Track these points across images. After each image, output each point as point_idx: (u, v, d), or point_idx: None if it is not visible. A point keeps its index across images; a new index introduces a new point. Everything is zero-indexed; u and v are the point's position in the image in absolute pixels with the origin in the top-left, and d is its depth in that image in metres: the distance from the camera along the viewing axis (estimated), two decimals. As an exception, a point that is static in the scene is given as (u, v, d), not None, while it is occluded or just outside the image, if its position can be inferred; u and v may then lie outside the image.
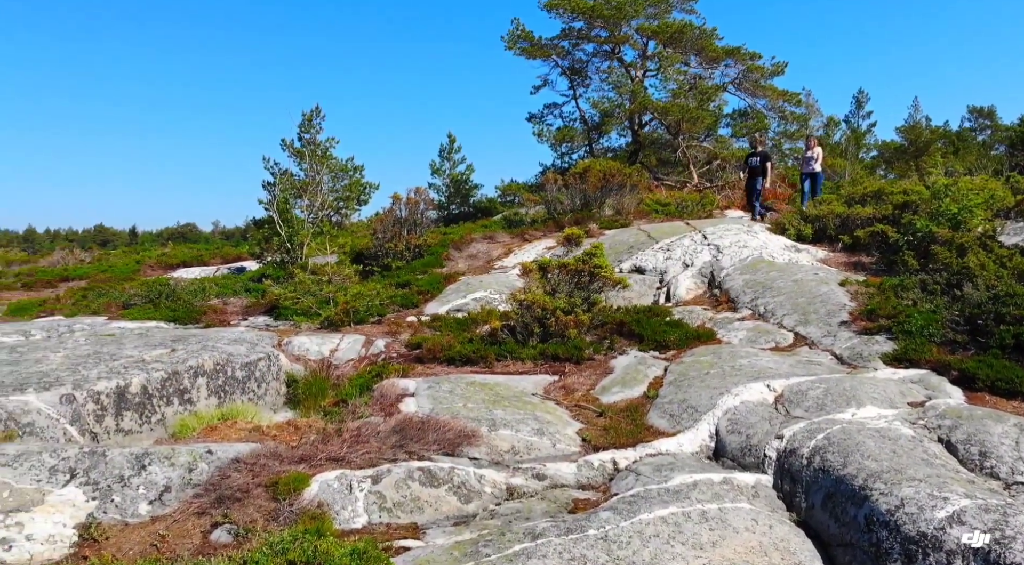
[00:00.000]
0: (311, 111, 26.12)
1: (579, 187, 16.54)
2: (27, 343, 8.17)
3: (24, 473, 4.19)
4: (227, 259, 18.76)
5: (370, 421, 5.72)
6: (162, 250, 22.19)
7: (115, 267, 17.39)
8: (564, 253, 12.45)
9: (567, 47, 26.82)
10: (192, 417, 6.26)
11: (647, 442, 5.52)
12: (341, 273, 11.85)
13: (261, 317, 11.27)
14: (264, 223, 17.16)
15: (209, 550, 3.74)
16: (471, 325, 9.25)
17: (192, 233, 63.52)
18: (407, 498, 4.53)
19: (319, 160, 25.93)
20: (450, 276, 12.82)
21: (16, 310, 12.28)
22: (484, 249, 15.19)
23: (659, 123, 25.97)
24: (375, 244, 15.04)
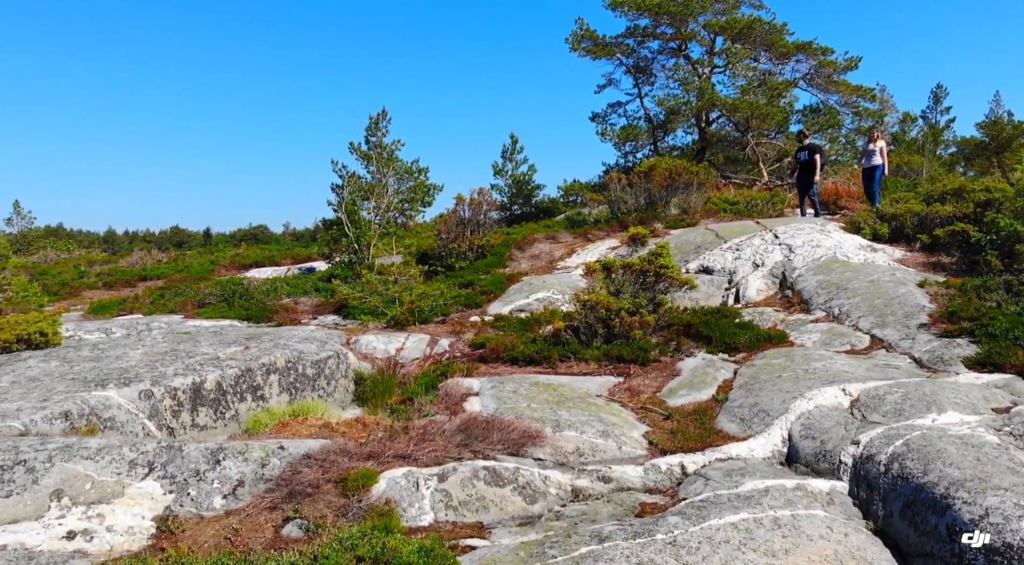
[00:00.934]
0: (378, 114, 26.63)
1: (644, 186, 16.34)
2: (108, 340, 8.56)
3: (105, 466, 4.37)
4: (298, 260, 19.24)
5: (436, 419, 5.78)
6: (235, 251, 22.89)
7: (191, 267, 18.02)
8: (628, 253, 12.32)
9: (632, 45, 26.57)
10: (264, 413, 6.44)
11: (716, 446, 5.41)
12: (407, 273, 12.02)
13: (330, 316, 11.52)
14: (333, 225, 17.54)
15: (281, 544, 3.83)
16: (534, 325, 9.25)
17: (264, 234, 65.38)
18: (472, 497, 4.55)
19: (385, 163, 26.40)
20: (513, 276, 12.85)
21: (98, 308, 12.85)
22: (546, 249, 15.16)
23: (727, 120, 25.49)
24: (439, 245, 15.20)
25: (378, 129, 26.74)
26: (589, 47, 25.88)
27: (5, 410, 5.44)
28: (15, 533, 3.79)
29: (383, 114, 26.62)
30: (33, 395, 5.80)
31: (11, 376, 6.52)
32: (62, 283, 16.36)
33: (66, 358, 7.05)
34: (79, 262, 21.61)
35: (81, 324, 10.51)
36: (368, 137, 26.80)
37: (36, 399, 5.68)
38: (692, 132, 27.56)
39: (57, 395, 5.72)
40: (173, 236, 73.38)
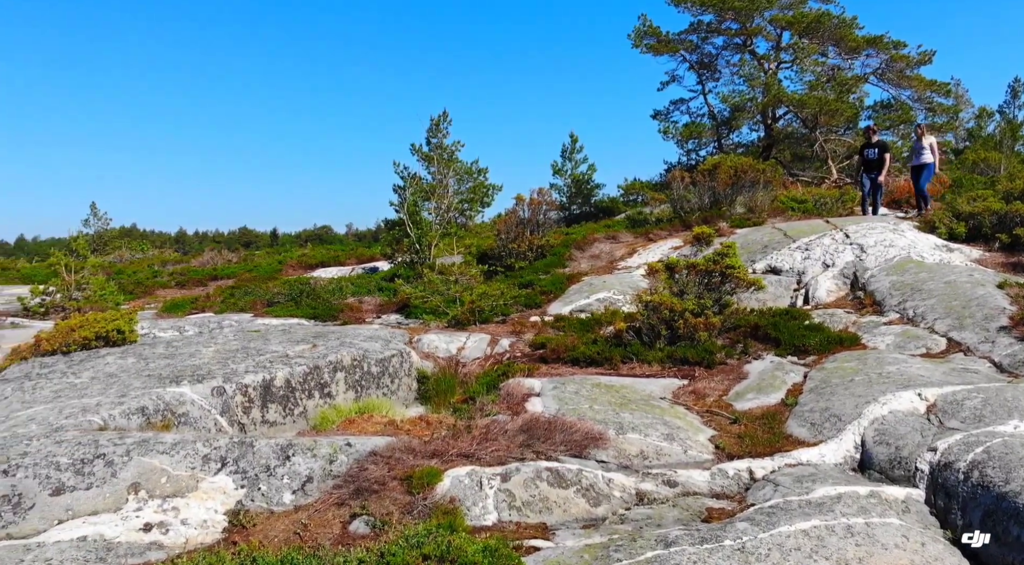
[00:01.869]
0: (439, 116, 26.79)
1: (708, 184, 16.05)
2: (181, 338, 8.86)
3: (180, 461, 4.51)
4: (361, 259, 19.58)
5: (498, 419, 5.78)
6: (302, 251, 23.43)
7: (259, 267, 18.53)
8: (692, 253, 12.12)
9: (696, 41, 26.18)
10: (331, 410, 6.56)
11: (786, 451, 5.28)
12: (467, 273, 12.11)
13: (393, 315, 11.68)
14: (395, 225, 17.77)
15: (348, 540, 3.89)
16: (595, 326, 9.18)
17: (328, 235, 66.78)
18: (536, 498, 4.53)
19: (446, 164, 26.62)
20: (573, 276, 12.80)
21: (171, 307, 13.31)
22: (607, 249, 15.05)
23: (794, 116, 24.88)
24: (499, 245, 15.24)
25: (439, 130, 26.94)
26: (652, 44, 25.61)
27: (85, 405, 5.68)
28: (95, 524, 3.95)
29: (444, 116, 26.81)
30: (111, 391, 6.05)
31: (91, 372, 6.80)
32: (137, 282, 17.03)
33: (142, 355, 7.33)
34: (152, 262, 22.47)
35: (156, 322, 10.91)
36: (429, 138, 27.02)
37: (114, 395, 5.91)
38: (758, 129, 27.02)
39: (134, 391, 5.95)
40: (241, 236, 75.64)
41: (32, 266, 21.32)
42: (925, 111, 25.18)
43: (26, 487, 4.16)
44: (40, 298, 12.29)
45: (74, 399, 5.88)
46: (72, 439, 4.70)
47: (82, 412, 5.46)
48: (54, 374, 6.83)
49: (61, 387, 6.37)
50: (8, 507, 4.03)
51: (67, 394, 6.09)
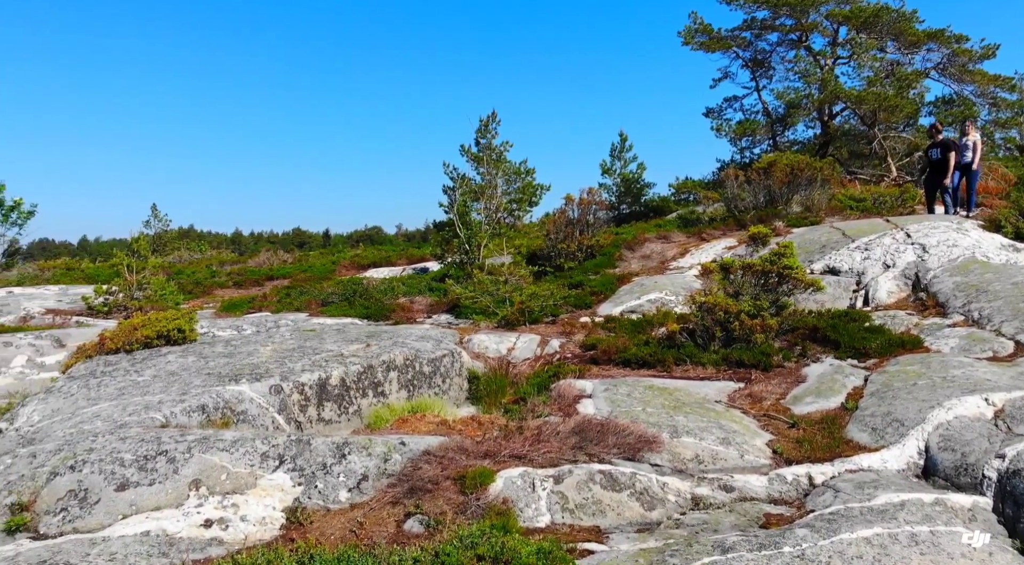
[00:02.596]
0: (488, 117, 27.01)
1: (763, 183, 15.74)
2: (239, 337, 9.05)
3: (239, 458, 4.60)
4: (412, 260, 19.74)
5: (549, 421, 5.75)
6: (354, 252, 23.73)
7: (314, 267, 18.83)
8: (747, 253, 11.89)
9: (749, 38, 25.75)
10: (385, 409, 6.63)
11: (846, 457, 5.14)
12: (516, 273, 12.09)
13: (444, 315, 11.75)
14: (445, 226, 17.88)
15: (403, 539, 3.91)
16: (646, 327, 9.08)
17: (378, 235, 67.58)
18: (589, 500, 4.50)
19: (495, 164, 26.74)
20: (623, 277, 12.69)
21: (229, 306, 13.62)
22: (658, 249, 14.87)
23: (852, 113, 24.25)
24: (548, 245, 15.20)
25: (488, 131, 27.11)
26: (703, 41, 25.27)
27: (148, 402, 5.84)
28: (157, 520, 4.05)
29: (493, 116, 26.98)
30: (173, 389, 6.21)
31: (153, 370, 7.00)
32: (196, 282, 17.47)
33: (202, 354, 7.51)
34: (211, 262, 23.03)
35: (215, 321, 11.19)
36: (478, 139, 27.22)
37: (176, 393, 6.07)
38: (814, 126, 26.42)
39: (194, 389, 6.09)
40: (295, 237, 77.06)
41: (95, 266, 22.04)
42: (988, 107, 24.31)
43: (92, 482, 4.30)
44: (103, 298, 12.68)
45: (137, 397, 6.06)
46: (135, 436, 4.84)
47: (145, 409, 5.62)
48: (118, 372, 7.05)
49: (124, 385, 6.57)
50: (75, 502, 4.17)
51: (130, 392, 6.28)
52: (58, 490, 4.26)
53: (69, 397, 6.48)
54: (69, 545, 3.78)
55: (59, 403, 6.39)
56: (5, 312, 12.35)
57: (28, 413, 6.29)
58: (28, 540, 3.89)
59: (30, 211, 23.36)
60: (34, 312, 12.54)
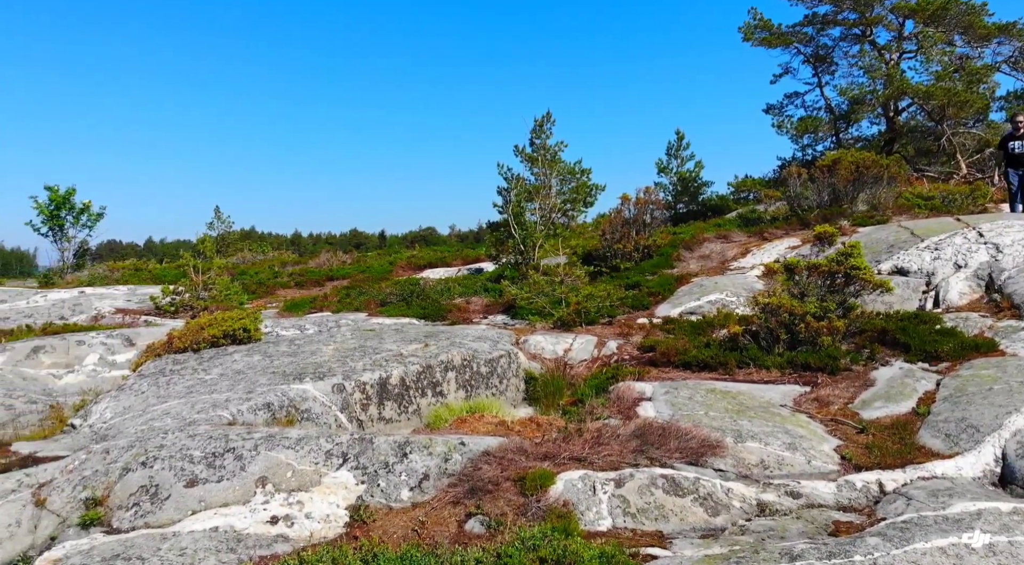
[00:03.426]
0: (542, 117, 26.88)
1: (827, 180, 15.30)
2: (302, 336, 9.21)
3: (304, 456, 4.67)
4: (467, 260, 19.84)
5: (609, 423, 5.69)
6: (410, 252, 23.97)
7: (372, 268, 19.08)
8: (812, 253, 11.56)
9: (811, 33, 25.14)
10: (444, 408, 6.66)
11: (918, 464, 4.97)
12: (572, 274, 12.03)
13: (499, 316, 11.76)
14: (499, 226, 17.91)
15: (464, 539, 3.91)
16: (707, 329, 8.92)
17: (432, 236, 68.16)
18: (651, 505, 4.43)
19: (549, 164, 26.65)
20: (681, 277, 12.49)
21: (291, 306, 13.91)
22: (717, 249, 14.60)
23: (918, 109, 23.44)
24: (603, 245, 15.07)
25: (542, 131, 27.00)
26: (764, 37, 24.75)
27: (215, 400, 5.99)
28: (225, 516, 4.14)
29: (547, 117, 26.84)
30: (239, 387, 6.36)
31: (220, 369, 7.18)
32: (259, 282, 17.88)
33: (266, 353, 7.67)
34: (272, 263, 23.55)
35: (278, 321, 11.43)
36: (532, 139, 27.12)
37: (242, 391, 6.21)
38: (879, 122, 25.60)
39: (260, 387, 6.23)
40: (352, 238, 78.31)
41: (162, 267, 22.76)
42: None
43: (163, 479, 4.42)
44: (170, 298, 13.08)
45: (205, 395, 6.22)
46: (204, 433, 4.96)
47: (212, 407, 5.76)
48: (186, 370, 7.25)
49: (193, 383, 6.75)
50: (146, 497, 4.30)
51: (198, 390, 6.45)
52: (130, 486, 4.39)
53: (140, 395, 6.70)
54: (141, 540, 3.89)
55: (130, 400, 6.61)
56: (77, 311, 12.85)
57: (101, 410, 6.53)
58: (102, 534, 4.02)
59: (99, 213, 24.33)
60: (105, 311, 13.02)
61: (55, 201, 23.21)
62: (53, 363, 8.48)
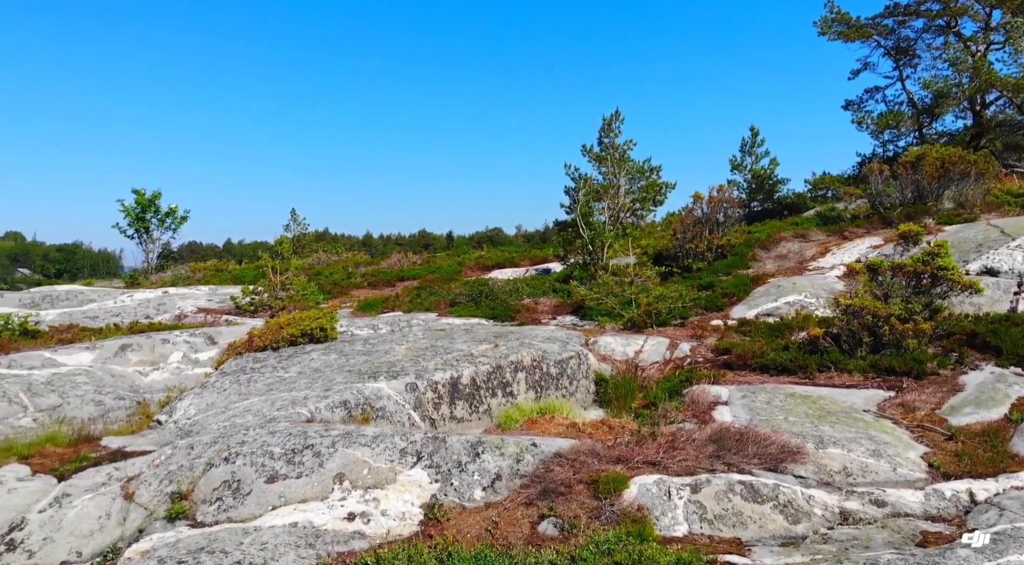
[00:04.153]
0: (611, 115, 26.70)
1: (910, 177, 14.67)
2: (376, 336, 9.38)
3: (380, 453, 4.74)
4: (535, 261, 19.84)
5: (684, 427, 5.59)
6: (478, 253, 24.13)
7: (441, 269, 19.31)
8: (895, 252, 11.10)
9: (891, 25, 24.11)
10: (514, 409, 6.66)
11: (1012, 472, 4.75)
12: (642, 274, 11.87)
13: (568, 316, 11.71)
14: (567, 226, 17.85)
15: (537, 541, 3.89)
16: (784, 331, 8.67)
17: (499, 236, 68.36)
18: (728, 511, 4.32)
19: (618, 163, 26.42)
20: (757, 278, 12.19)
21: (364, 306, 14.18)
22: (795, 248, 14.17)
23: (1007, 102, 22.23)
24: (675, 245, 14.83)
25: (611, 130, 26.80)
26: (841, 31, 23.89)
27: (294, 398, 6.15)
28: (304, 512, 4.23)
29: (616, 115, 26.65)
30: (317, 385, 6.51)
31: (298, 367, 7.37)
32: (333, 282, 18.30)
33: (342, 352, 7.84)
34: (346, 263, 24.08)
35: (352, 320, 11.67)
36: (601, 138, 26.96)
37: (319, 389, 6.36)
38: (964, 117, 24.36)
39: (336, 385, 6.36)
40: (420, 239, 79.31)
41: (241, 268, 23.55)
42: None
43: (244, 474, 4.56)
44: (250, 297, 13.51)
45: (284, 392, 6.40)
46: (283, 430, 5.10)
47: (291, 405, 5.91)
48: (265, 368, 7.47)
49: (272, 381, 6.95)
50: (229, 492, 4.43)
51: (278, 387, 6.64)
52: (213, 481, 4.54)
53: (222, 392, 6.93)
54: (224, 534, 4.01)
55: (213, 397, 6.85)
56: (162, 311, 13.41)
57: (185, 407, 6.78)
58: (187, 527, 4.17)
59: (183, 216, 25.34)
60: (187, 311, 13.55)
61: (141, 204, 24.29)
62: (139, 361, 8.87)
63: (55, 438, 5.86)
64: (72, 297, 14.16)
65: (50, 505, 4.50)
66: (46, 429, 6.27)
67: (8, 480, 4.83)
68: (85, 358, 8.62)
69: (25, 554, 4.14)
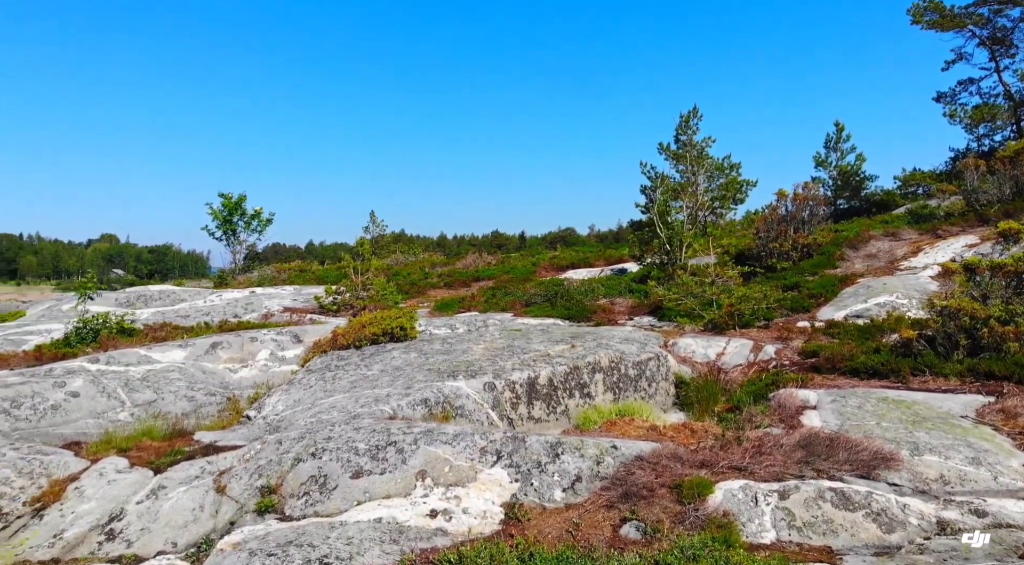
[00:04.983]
0: (688, 112, 26.29)
1: (1009, 173, 13.90)
2: (454, 335, 9.49)
3: (460, 452, 4.79)
4: (609, 261, 19.70)
5: (771, 432, 5.44)
6: (552, 253, 24.14)
7: (515, 269, 19.40)
8: (993, 251, 10.54)
9: (986, 14, 22.91)
10: (592, 411, 6.63)
11: None
12: (724, 274, 11.62)
13: (645, 317, 11.58)
14: (643, 226, 17.62)
15: (620, 544, 3.86)
16: (875, 333, 8.35)
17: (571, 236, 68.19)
18: (818, 518, 4.18)
19: (696, 161, 25.97)
20: (846, 278, 11.77)
21: (441, 306, 14.38)
22: (885, 247, 13.62)
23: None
24: (757, 244, 14.47)
25: (688, 127, 26.38)
26: (934, 20, 22.84)
27: (377, 395, 6.28)
28: (388, 508, 4.31)
29: (694, 112, 26.21)
30: (398, 383, 6.63)
31: (380, 365, 7.53)
32: (411, 283, 18.64)
33: (422, 350, 7.97)
34: (423, 264, 24.48)
35: (430, 320, 11.85)
36: (678, 136, 26.58)
37: (400, 386, 6.48)
38: (1065, 110, 22.92)
39: (417, 384, 6.47)
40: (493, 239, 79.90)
41: (324, 269, 24.25)
42: None
43: (330, 469, 4.68)
44: (333, 297, 13.90)
45: (367, 389, 6.55)
46: (367, 427, 5.21)
47: (375, 402, 6.05)
48: (349, 366, 7.66)
49: (356, 378, 7.12)
50: (315, 487, 4.56)
51: (361, 385, 6.80)
52: (301, 475, 4.68)
53: (308, 389, 7.15)
54: (311, 528, 4.12)
55: (299, 394, 7.06)
56: (249, 310, 13.93)
57: (273, 403, 7.02)
58: (275, 521, 4.31)
59: (268, 219, 26.30)
60: (273, 310, 14.03)
61: (227, 207, 25.34)
62: (229, 358, 9.23)
63: (151, 432, 6.16)
64: (164, 297, 14.87)
65: (147, 497, 4.73)
66: (142, 423, 6.59)
67: (108, 472, 5.10)
68: (178, 355, 9.03)
69: (124, 544, 4.37)
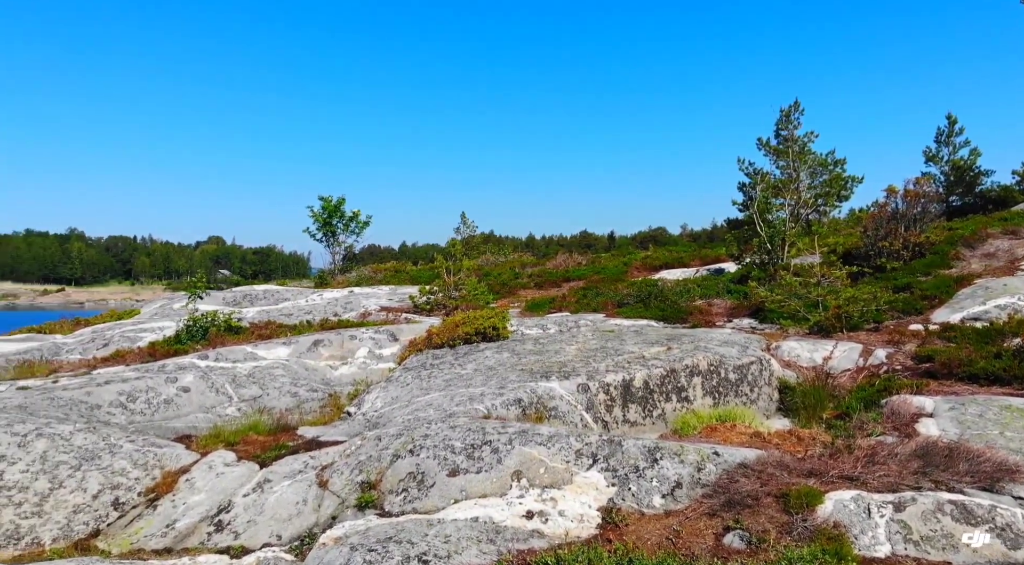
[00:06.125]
0: (790, 106, 25.30)
1: None
2: (545, 336, 9.45)
3: (555, 453, 4.73)
4: (705, 261, 19.19)
5: (884, 441, 5.14)
6: (644, 253, 23.74)
7: (606, 269, 19.16)
8: None
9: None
10: (691, 415, 6.44)
11: None
12: (830, 275, 11.10)
13: (745, 319, 11.20)
14: (741, 224, 17.07)
15: (723, 553, 3.71)
16: (996, 337, 7.78)
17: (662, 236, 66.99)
18: (937, 533, 3.91)
19: (798, 156, 24.98)
20: (962, 278, 11.04)
21: (532, 306, 14.36)
22: (1004, 246, 12.71)
23: None
24: (865, 243, 13.76)
25: (789, 122, 25.38)
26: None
27: (471, 394, 6.31)
28: (484, 507, 4.30)
29: (795, 105, 25.19)
30: (492, 382, 6.64)
31: (473, 364, 7.57)
32: (501, 283, 18.71)
33: (514, 351, 7.96)
34: (513, 264, 24.56)
35: (521, 320, 11.86)
36: (778, 131, 25.62)
37: (494, 386, 6.48)
38: None
39: (510, 384, 6.46)
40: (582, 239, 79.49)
41: (418, 269, 24.70)
42: None
43: (428, 467, 4.72)
44: (426, 297, 14.13)
45: (462, 388, 6.59)
46: (463, 425, 5.23)
47: (469, 401, 6.07)
48: (444, 365, 7.74)
49: (450, 377, 7.19)
50: (413, 484, 4.61)
51: (455, 384, 6.85)
52: (399, 472, 4.74)
53: (405, 386, 7.26)
54: (410, 524, 4.16)
55: (397, 391, 7.19)
56: (348, 309, 14.32)
57: (372, 399, 7.16)
58: (375, 517, 4.37)
59: (366, 221, 27.04)
60: (371, 309, 14.38)
61: (327, 210, 26.20)
62: (330, 355, 9.50)
63: (257, 427, 6.39)
64: (268, 296, 15.50)
65: (253, 490, 4.91)
66: (248, 418, 6.86)
67: (217, 465, 5.32)
68: (282, 352, 9.36)
69: (231, 535, 4.54)
